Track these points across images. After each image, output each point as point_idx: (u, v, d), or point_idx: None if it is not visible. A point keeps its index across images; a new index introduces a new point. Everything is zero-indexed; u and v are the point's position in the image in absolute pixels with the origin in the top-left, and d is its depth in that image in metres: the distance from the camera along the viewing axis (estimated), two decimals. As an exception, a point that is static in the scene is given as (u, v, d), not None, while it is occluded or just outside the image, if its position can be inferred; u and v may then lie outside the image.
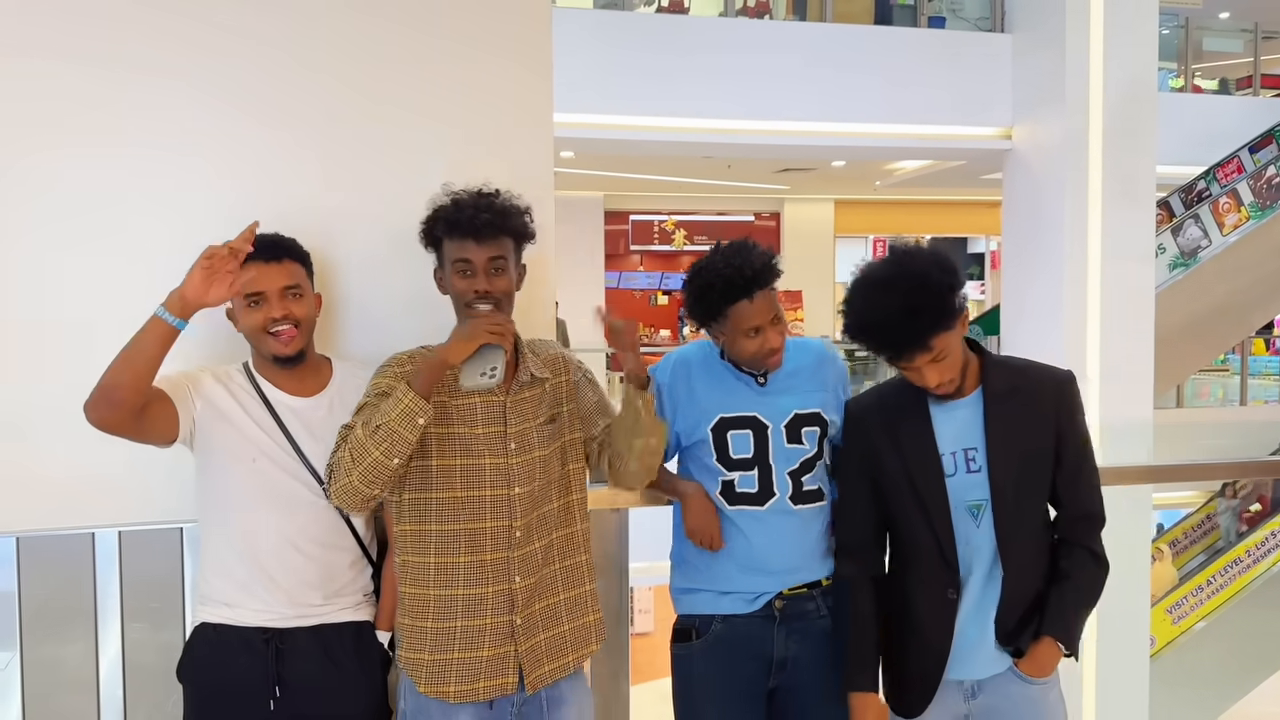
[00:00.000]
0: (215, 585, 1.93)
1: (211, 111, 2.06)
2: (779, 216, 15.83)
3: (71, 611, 2.01)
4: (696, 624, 2.11)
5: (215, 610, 1.92)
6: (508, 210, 1.89)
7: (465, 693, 1.88)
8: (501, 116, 2.21)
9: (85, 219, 2.02)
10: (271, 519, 1.89)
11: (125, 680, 1.98)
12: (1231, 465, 4.15)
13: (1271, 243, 9.97)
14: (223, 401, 1.91)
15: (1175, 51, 12.81)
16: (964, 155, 10.44)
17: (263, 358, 1.94)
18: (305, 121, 2.11)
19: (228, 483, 1.91)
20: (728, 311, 2.02)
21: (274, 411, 1.92)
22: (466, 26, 2.18)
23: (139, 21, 2.01)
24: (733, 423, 2.09)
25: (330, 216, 2.11)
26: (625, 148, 10.19)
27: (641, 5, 10.24)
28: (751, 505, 2.07)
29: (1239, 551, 9.43)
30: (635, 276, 15.85)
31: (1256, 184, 10.16)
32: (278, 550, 1.89)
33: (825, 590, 2.13)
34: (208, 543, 1.95)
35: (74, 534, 2.00)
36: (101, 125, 2.02)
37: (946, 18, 10.45)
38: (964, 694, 1.99)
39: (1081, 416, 2.01)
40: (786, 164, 12.45)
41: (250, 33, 2.07)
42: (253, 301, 1.89)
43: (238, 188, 2.07)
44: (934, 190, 14.37)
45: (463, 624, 1.87)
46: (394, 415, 1.72)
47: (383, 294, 2.15)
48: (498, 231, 1.87)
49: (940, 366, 1.87)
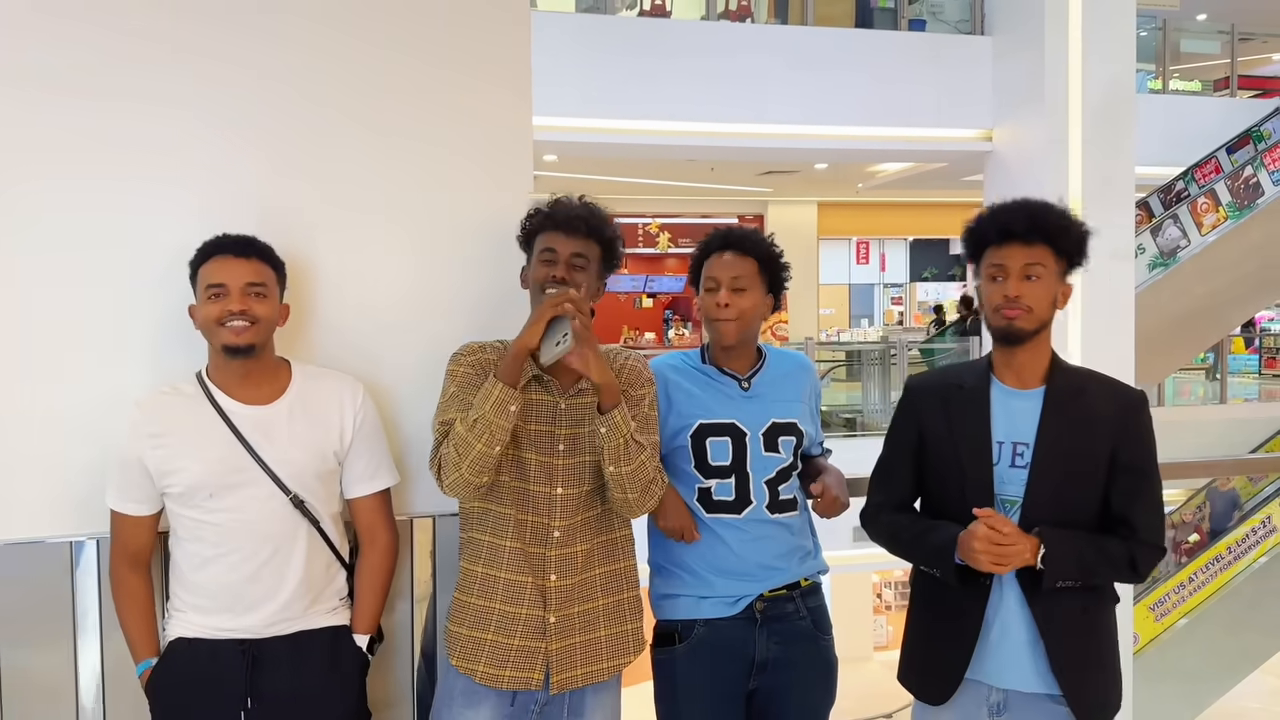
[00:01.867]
0: (186, 599, 1.90)
1: (203, 140, 2.05)
2: (762, 219, 15.87)
3: (50, 621, 1.99)
4: (678, 628, 2.11)
5: (188, 622, 1.90)
6: (602, 217, 1.98)
7: (491, 676, 1.90)
8: (482, 132, 2.21)
9: (66, 236, 2.00)
10: (237, 541, 1.86)
11: (104, 690, 1.96)
12: (1212, 463, 4.17)
13: (1249, 242, 10.07)
14: (161, 452, 1.86)
15: (1153, 53, 12.93)
16: (945, 157, 10.51)
17: (216, 353, 1.89)
18: (292, 139, 2.10)
19: (188, 521, 1.88)
20: (706, 260, 2.13)
21: (230, 423, 1.88)
22: (448, 48, 2.18)
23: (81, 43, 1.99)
24: (712, 429, 2.09)
25: (313, 229, 2.10)
26: (608, 151, 10.19)
27: (623, 9, 10.25)
28: (729, 513, 2.07)
29: (1220, 549, 9.50)
30: (619, 279, 15.85)
31: (1234, 184, 10.27)
32: (254, 571, 1.87)
33: (805, 591, 2.14)
34: (178, 557, 1.92)
35: (52, 543, 1.98)
36: (101, 153, 2.01)
37: (927, 20, 10.51)
38: (989, 708, 1.95)
39: (1150, 442, 1.94)
40: (769, 166, 12.48)
41: (243, 61, 2.06)
42: (213, 293, 1.85)
43: (222, 206, 2.05)
44: (916, 192, 14.45)
45: (501, 607, 1.91)
46: (488, 408, 1.79)
47: (370, 304, 2.14)
48: (587, 230, 1.94)
49: (1030, 285, 1.88)
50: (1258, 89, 14.30)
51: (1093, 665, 1.92)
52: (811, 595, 2.15)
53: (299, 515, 1.88)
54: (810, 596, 2.15)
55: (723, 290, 2.07)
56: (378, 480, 2.00)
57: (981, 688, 1.95)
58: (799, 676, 2.11)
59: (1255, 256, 10.13)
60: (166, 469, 1.86)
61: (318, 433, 1.92)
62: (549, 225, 1.95)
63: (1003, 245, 1.92)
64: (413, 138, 2.16)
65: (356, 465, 1.97)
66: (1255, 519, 9.63)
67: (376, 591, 1.99)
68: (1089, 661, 1.92)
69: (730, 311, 2.06)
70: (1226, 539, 9.57)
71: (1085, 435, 1.90)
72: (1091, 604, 1.94)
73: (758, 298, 2.10)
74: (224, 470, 1.86)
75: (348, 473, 1.97)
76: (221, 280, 1.85)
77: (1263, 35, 14.27)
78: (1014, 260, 1.90)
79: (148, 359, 2.00)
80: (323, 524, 1.93)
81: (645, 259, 15.94)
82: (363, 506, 1.99)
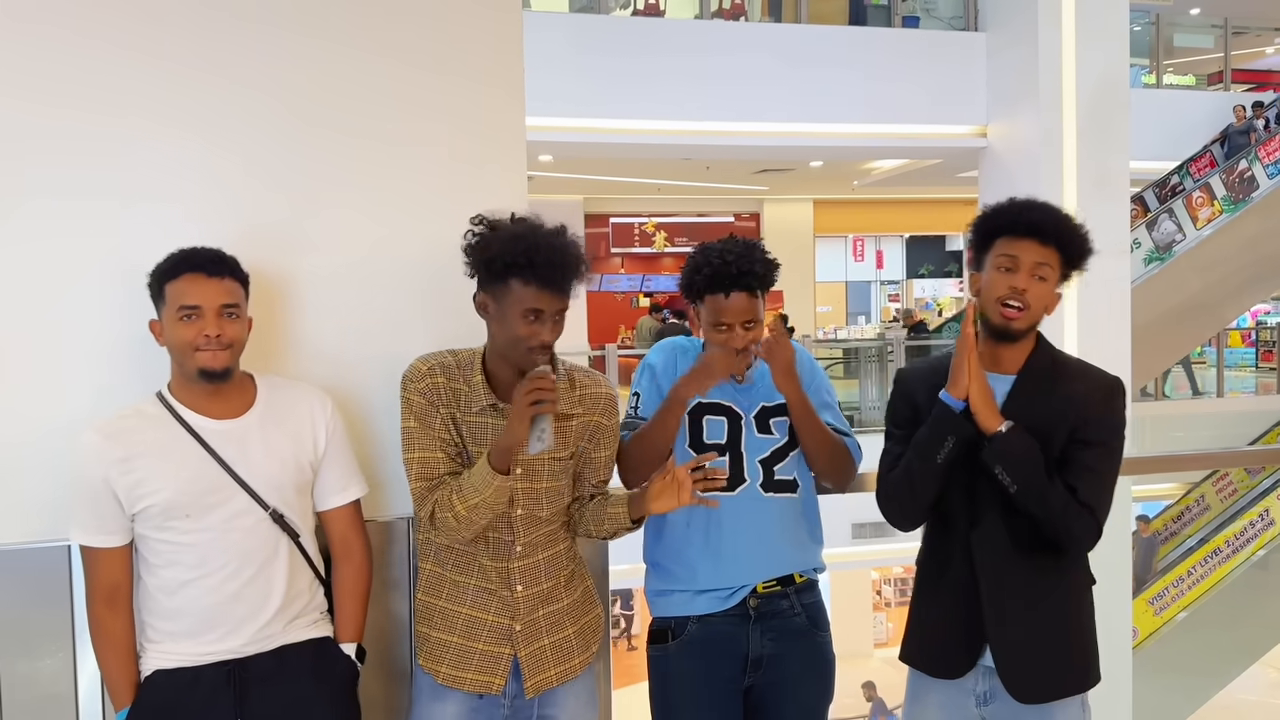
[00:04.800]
0: (161, 627, 1.82)
1: (182, 145, 2.03)
2: (758, 217, 15.89)
3: (48, 626, 1.98)
4: (672, 625, 2.11)
5: (164, 652, 1.82)
6: (580, 263, 1.87)
7: (453, 678, 1.92)
8: (474, 136, 2.19)
9: (67, 239, 1.99)
10: (219, 561, 1.81)
11: (104, 695, 1.95)
12: (1212, 455, 4.19)
13: (1245, 236, 10.10)
14: (130, 477, 1.77)
15: (1147, 48, 12.96)
16: (940, 154, 10.52)
17: (185, 377, 1.82)
18: (276, 145, 2.09)
19: (162, 545, 1.80)
20: (705, 299, 2.05)
21: (201, 440, 1.81)
22: (439, 52, 2.17)
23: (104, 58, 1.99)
24: (709, 408, 2.11)
25: (292, 240, 2.09)
26: (603, 150, 10.20)
27: (617, 8, 10.26)
28: (723, 492, 2.07)
29: (1218, 542, 9.53)
30: (617, 279, 15.87)
31: (1229, 178, 10.29)
32: (236, 590, 1.82)
33: (799, 588, 2.13)
34: (151, 585, 1.82)
35: (49, 547, 1.98)
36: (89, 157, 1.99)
37: (920, 17, 10.53)
38: (976, 696, 1.96)
39: (1114, 424, 1.95)
40: (765, 165, 12.50)
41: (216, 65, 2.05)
42: (186, 315, 1.77)
43: (199, 212, 2.04)
44: (911, 189, 14.47)
45: (468, 612, 1.93)
46: (488, 495, 1.82)
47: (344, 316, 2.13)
48: (570, 287, 1.87)
49: (1034, 281, 1.89)
50: (1251, 83, 14.34)
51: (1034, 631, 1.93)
52: (807, 592, 2.15)
53: (279, 530, 1.85)
54: (805, 593, 2.14)
55: (737, 330, 2.04)
56: (350, 491, 1.97)
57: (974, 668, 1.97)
58: (794, 673, 2.10)
59: (1251, 250, 10.16)
60: (138, 493, 1.78)
61: (291, 444, 1.89)
62: (535, 281, 1.81)
63: (1020, 238, 1.92)
64: (395, 141, 2.13)
65: (329, 476, 1.94)
66: (1253, 512, 9.66)
67: (358, 600, 1.97)
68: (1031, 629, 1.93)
69: (742, 344, 2.04)
70: (1225, 532, 9.59)
71: (1049, 416, 1.91)
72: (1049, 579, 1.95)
73: (763, 323, 2.09)
74: (200, 489, 1.79)
75: (320, 484, 1.94)
76: (195, 302, 1.77)
77: (1256, 29, 14.30)
78: (1028, 255, 1.90)
79: (136, 361, 1.99)
80: (302, 539, 1.89)
81: (642, 259, 15.95)
82: (336, 517, 1.96)
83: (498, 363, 1.91)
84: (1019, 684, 1.93)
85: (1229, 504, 10.28)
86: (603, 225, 15.54)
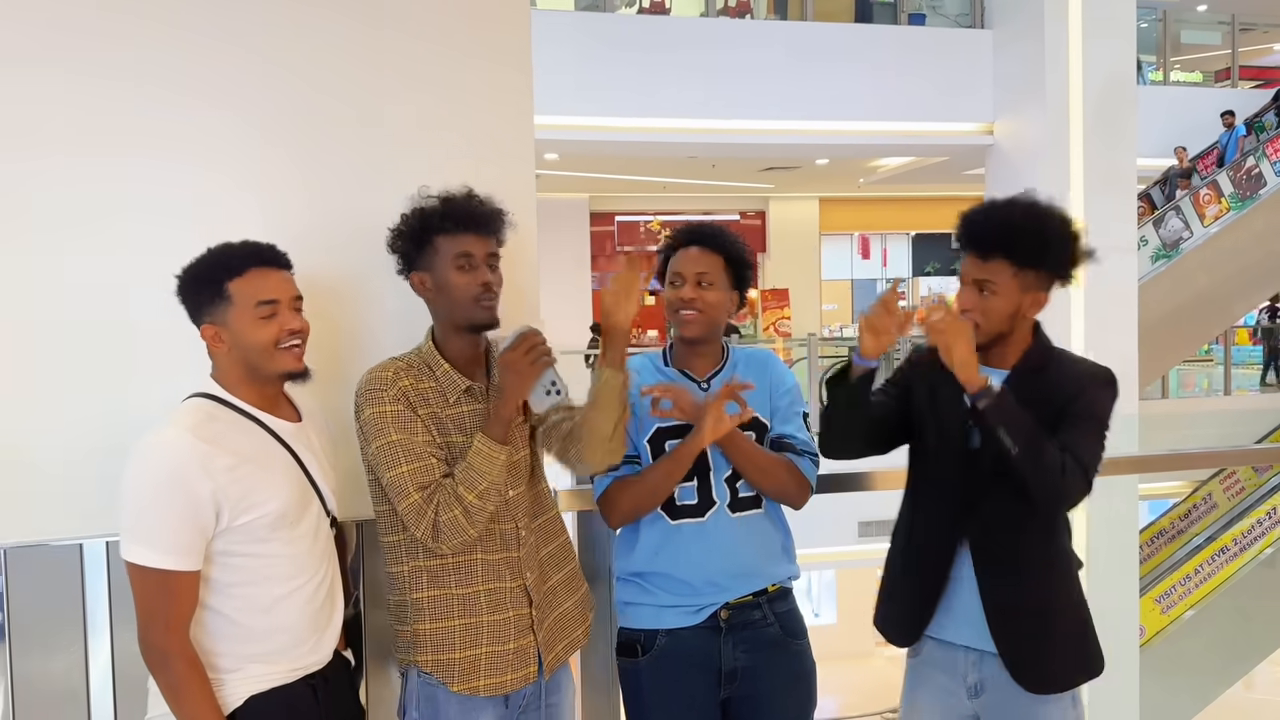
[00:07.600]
0: (248, 650, 1.68)
1: (202, 124, 2.05)
2: (764, 215, 15.88)
3: (60, 622, 1.99)
4: (641, 638, 2.05)
5: (254, 677, 1.68)
6: (497, 208, 1.89)
7: (494, 685, 1.88)
8: (483, 122, 2.20)
9: (80, 229, 2.00)
10: (311, 570, 1.75)
11: (115, 691, 1.96)
12: (1218, 454, 4.17)
13: (1252, 233, 10.07)
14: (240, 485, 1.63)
15: (1154, 44, 12.93)
16: (946, 151, 10.51)
17: (256, 379, 1.70)
18: (296, 129, 2.10)
19: (255, 560, 1.68)
20: (672, 256, 2.15)
21: (284, 443, 1.72)
22: (449, 36, 2.17)
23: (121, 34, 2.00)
24: (670, 432, 2.06)
25: (314, 228, 2.10)
26: (609, 149, 10.21)
27: (623, 6, 10.26)
28: (693, 518, 2.04)
29: (1226, 540, 9.51)
30: (622, 277, 15.86)
31: (1236, 175, 10.26)
32: (324, 597, 1.79)
33: (772, 597, 2.08)
34: (237, 606, 1.66)
35: (62, 545, 1.99)
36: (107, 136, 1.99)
37: (926, 14, 10.52)
38: (967, 688, 1.97)
39: (1101, 407, 1.93)
40: (770, 163, 12.49)
41: (236, 38, 2.05)
42: (267, 312, 1.65)
43: (226, 199, 2.05)
44: (917, 187, 14.46)
45: (488, 619, 1.89)
46: (495, 473, 1.76)
47: (365, 306, 2.14)
48: (496, 226, 1.87)
49: (982, 299, 1.88)
50: (1259, 79, 14.29)
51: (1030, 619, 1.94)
52: (780, 600, 2.09)
53: (331, 531, 1.86)
54: (778, 601, 2.09)
55: (688, 285, 2.07)
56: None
57: (957, 658, 1.99)
58: (771, 686, 2.06)
59: (1259, 247, 10.13)
60: (247, 503, 1.62)
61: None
62: (457, 227, 1.81)
63: (964, 251, 1.91)
64: (412, 123, 2.14)
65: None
66: (1260, 510, 9.64)
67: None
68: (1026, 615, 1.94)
69: (694, 304, 2.06)
70: (1232, 530, 9.57)
71: (1040, 405, 1.91)
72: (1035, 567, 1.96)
73: (722, 294, 2.08)
74: (299, 495, 1.72)
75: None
76: (274, 296, 1.66)
77: (1264, 25, 14.25)
78: (967, 271, 1.91)
79: (154, 364, 2.00)
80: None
81: (648, 257, 15.93)
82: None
83: (453, 341, 1.87)
84: (1026, 674, 1.94)
85: (1236, 502, 10.25)
86: (608, 224, 15.54)
